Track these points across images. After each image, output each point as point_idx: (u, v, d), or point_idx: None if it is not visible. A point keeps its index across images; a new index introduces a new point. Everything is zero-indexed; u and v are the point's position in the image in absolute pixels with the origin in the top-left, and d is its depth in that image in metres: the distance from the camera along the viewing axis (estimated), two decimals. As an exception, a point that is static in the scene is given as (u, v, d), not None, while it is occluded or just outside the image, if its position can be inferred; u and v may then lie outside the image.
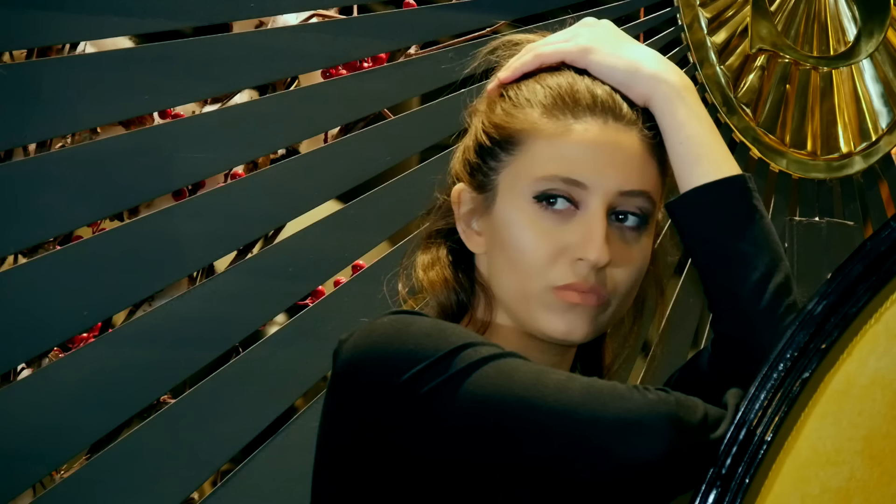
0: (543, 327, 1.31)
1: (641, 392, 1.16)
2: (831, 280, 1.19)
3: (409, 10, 1.95)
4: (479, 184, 1.35)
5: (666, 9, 2.12)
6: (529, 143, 1.33)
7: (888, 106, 2.26)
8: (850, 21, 2.24)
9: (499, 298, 1.34)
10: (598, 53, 1.35)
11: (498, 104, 1.36)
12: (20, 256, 1.72)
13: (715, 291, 1.32)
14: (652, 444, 1.13)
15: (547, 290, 1.30)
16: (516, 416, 1.17)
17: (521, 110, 1.34)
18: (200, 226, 1.77)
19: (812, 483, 1.17)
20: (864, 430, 1.18)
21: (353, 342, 1.25)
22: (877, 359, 1.19)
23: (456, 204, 1.36)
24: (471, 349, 1.20)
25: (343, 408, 1.25)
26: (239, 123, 1.81)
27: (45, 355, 1.72)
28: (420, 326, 1.23)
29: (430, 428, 1.19)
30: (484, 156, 1.35)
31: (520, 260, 1.31)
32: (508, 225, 1.32)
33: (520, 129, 1.33)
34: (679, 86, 1.34)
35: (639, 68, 1.34)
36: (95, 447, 1.72)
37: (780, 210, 2.20)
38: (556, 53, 1.36)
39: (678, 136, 1.33)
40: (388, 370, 1.21)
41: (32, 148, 1.75)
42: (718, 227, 1.31)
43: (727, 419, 1.17)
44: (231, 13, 1.84)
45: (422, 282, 1.36)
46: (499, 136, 1.34)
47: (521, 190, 1.32)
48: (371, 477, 1.24)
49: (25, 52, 1.75)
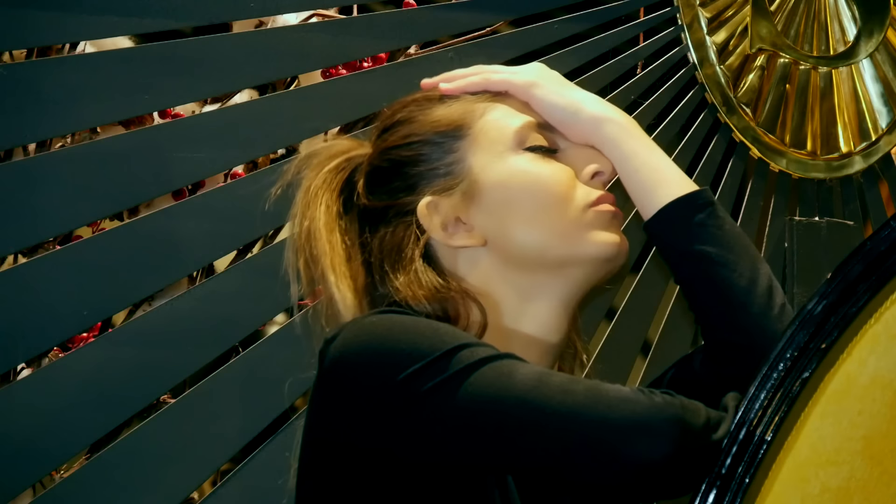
0: (590, 250, 1.33)
1: (647, 395, 1.16)
2: (831, 280, 1.19)
3: (409, 9, 1.95)
4: (444, 184, 1.35)
5: (666, 8, 2.12)
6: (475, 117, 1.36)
7: (888, 106, 2.26)
8: (850, 21, 2.23)
9: (528, 261, 1.33)
10: (542, 89, 1.38)
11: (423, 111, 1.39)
12: (20, 256, 1.72)
13: (705, 302, 1.34)
14: (658, 446, 1.13)
15: (584, 210, 1.33)
16: (518, 418, 1.16)
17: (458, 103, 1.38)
18: (200, 226, 1.77)
19: (812, 483, 1.17)
20: (864, 429, 1.18)
21: (342, 341, 1.24)
22: (877, 359, 1.19)
23: (429, 216, 1.35)
24: (468, 349, 1.19)
25: (333, 406, 1.24)
26: (239, 123, 1.81)
27: (45, 355, 1.72)
28: (413, 325, 1.23)
29: (427, 427, 1.18)
30: (432, 157, 1.36)
31: (547, 195, 1.33)
32: (517, 177, 1.34)
33: (463, 112, 1.37)
34: (623, 122, 1.38)
35: (580, 109, 1.38)
36: (95, 447, 1.72)
37: (780, 210, 2.20)
38: (503, 83, 1.39)
39: (632, 166, 1.37)
40: (384, 367, 1.19)
41: (32, 148, 1.75)
42: (694, 240, 1.34)
43: (727, 421, 1.17)
44: (231, 13, 1.84)
45: (406, 299, 1.32)
46: (443, 130, 1.36)
47: (503, 150, 1.35)
48: (360, 476, 1.23)
49: (25, 52, 1.76)
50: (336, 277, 1.34)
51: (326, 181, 1.39)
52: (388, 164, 1.38)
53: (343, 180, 1.40)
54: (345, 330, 1.25)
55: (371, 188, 1.38)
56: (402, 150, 1.37)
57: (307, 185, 1.39)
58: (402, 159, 1.37)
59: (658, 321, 2.12)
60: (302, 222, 1.38)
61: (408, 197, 1.36)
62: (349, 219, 1.39)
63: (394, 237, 1.35)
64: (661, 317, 2.12)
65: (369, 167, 1.40)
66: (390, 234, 1.35)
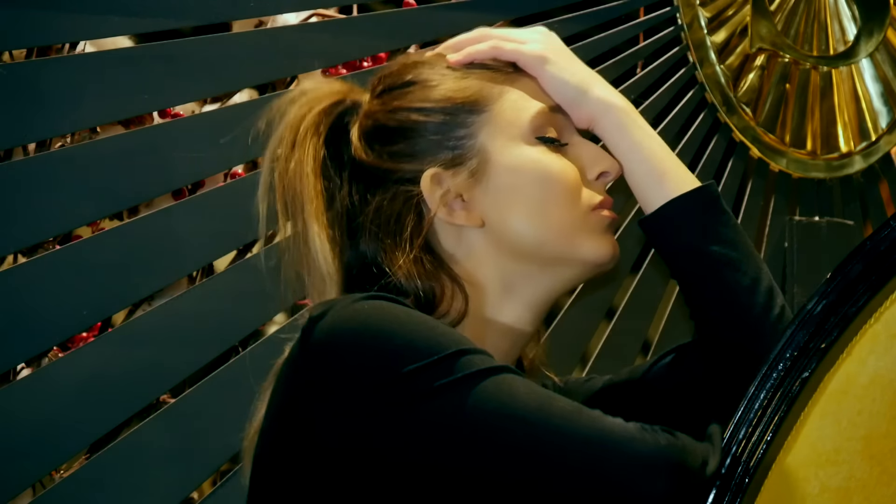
0: (586, 254, 1.32)
1: (650, 433, 1.14)
2: (831, 279, 1.19)
3: (409, 9, 1.95)
4: (452, 159, 1.32)
5: (666, 8, 2.12)
6: (493, 95, 1.34)
7: (888, 105, 2.26)
8: (850, 21, 2.24)
9: (522, 250, 1.31)
10: (553, 66, 1.36)
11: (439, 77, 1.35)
12: (20, 256, 1.72)
13: (708, 300, 1.33)
14: (660, 488, 1.12)
15: (587, 212, 1.32)
16: (519, 437, 1.13)
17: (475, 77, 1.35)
18: (200, 226, 1.77)
19: (812, 482, 1.17)
20: (864, 429, 1.18)
21: (331, 324, 1.19)
22: (876, 358, 1.19)
23: (432, 189, 1.32)
24: (469, 356, 1.16)
25: (313, 390, 1.18)
26: (239, 123, 1.81)
27: (45, 355, 1.72)
28: (406, 318, 1.18)
29: (420, 427, 1.15)
30: (443, 129, 1.33)
31: (555, 190, 1.31)
32: (529, 166, 1.32)
33: (481, 88, 1.34)
34: (628, 109, 1.36)
35: (589, 90, 1.36)
36: (95, 447, 1.72)
37: (780, 209, 2.20)
38: (514, 53, 1.36)
39: (637, 156, 1.35)
40: (380, 361, 1.16)
41: (32, 148, 1.75)
42: (701, 236, 1.33)
43: (716, 455, 1.15)
44: (231, 13, 1.84)
45: (400, 277, 1.29)
46: (460, 103, 1.33)
47: (517, 135, 1.32)
48: (336, 467, 1.18)
49: (25, 52, 1.76)
50: (318, 227, 1.31)
51: (316, 123, 1.35)
52: (395, 124, 1.34)
53: (331, 124, 1.37)
54: (333, 311, 1.20)
55: (370, 144, 1.35)
56: (413, 115, 1.33)
57: (295, 123, 1.35)
58: (412, 124, 1.33)
59: (658, 321, 2.12)
60: (288, 161, 1.34)
61: (410, 164, 1.33)
62: (334, 166, 1.36)
63: (392, 206, 1.32)
64: (661, 316, 2.12)
65: (372, 122, 1.36)
66: (388, 202, 1.32)
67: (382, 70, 1.41)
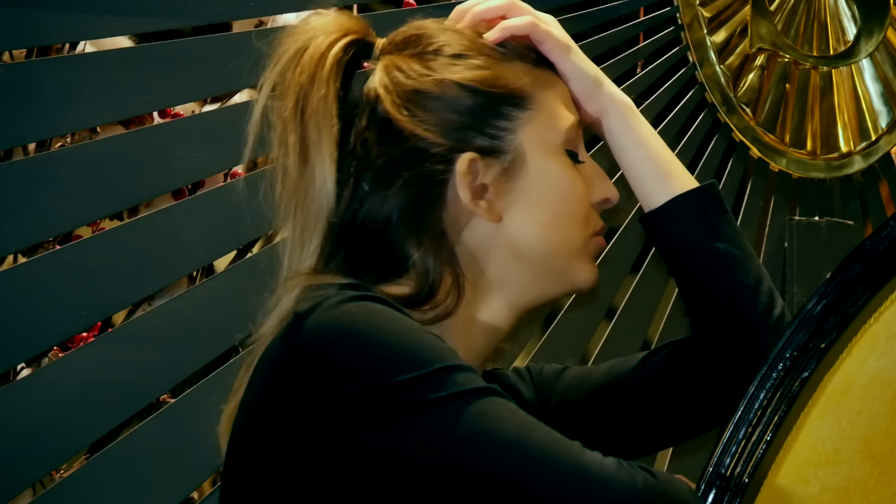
0: (578, 278, 1.32)
1: (629, 472, 1.11)
2: (831, 279, 1.19)
3: (408, 9, 1.95)
4: (489, 147, 1.28)
5: (666, 8, 2.12)
6: (539, 95, 1.31)
7: (888, 105, 2.26)
8: (850, 20, 2.24)
9: (527, 256, 1.29)
10: (576, 55, 1.35)
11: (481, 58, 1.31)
12: (20, 256, 1.72)
13: (710, 298, 1.33)
14: None
15: (591, 237, 1.32)
16: (496, 465, 1.11)
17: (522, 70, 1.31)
18: (200, 226, 1.77)
19: (812, 482, 1.17)
20: (864, 429, 1.18)
21: (318, 323, 1.16)
22: (876, 358, 1.19)
23: (465, 175, 1.27)
24: (457, 374, 1.13)
25: (295, 389, 1.15)
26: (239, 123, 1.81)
27: (45, 355, 1.72)
28: (398, 325, 1.15)
29: (404, 439, 1.12)
30: (488, 115, 1.29)
31: (573, 209, 1.30)
32: (558, 178, 1.30)
33: (530, 84, 1.31)
34: (634, 108, 1.37)
35: (602, 83, 1.36)
36: (95, 447, 1.72)
37: (780, 209, 2.20)
38: (546, 35, 1.33)
39: (644, 153, 1.36)
40: (367, 365, 1.13)
41: (32, 148, 1.75)
42: (707, 234, 1.33)
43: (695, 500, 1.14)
44: (231, 13, 1.84)
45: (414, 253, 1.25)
46: (508, 93, 1.30)
47: (551, 143, 1.30)
48: (306, 465, 1.15)
49: (25, 52, 1.76)
50: (330, 163, 1.26)
51: (338, 57, 1.28)
52: (438, 94, 1.28)
53: (348, 61, 1.30)
54: (320, 310, 1.16)
55: (402, 101, 1.28)
56: (462, 91, 1.28)
57: (319, 53, 1.28)
58: (459, 100, 1.28)
59: (658, 321, 2.12)
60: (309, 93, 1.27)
61: (442, 138, 1.27)
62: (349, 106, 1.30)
63: (416, 180, 1.26)
64: (661, 316, 2.12)
65: (413, 83, 1.29)
66: (413, 175, 1.26)
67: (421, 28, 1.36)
